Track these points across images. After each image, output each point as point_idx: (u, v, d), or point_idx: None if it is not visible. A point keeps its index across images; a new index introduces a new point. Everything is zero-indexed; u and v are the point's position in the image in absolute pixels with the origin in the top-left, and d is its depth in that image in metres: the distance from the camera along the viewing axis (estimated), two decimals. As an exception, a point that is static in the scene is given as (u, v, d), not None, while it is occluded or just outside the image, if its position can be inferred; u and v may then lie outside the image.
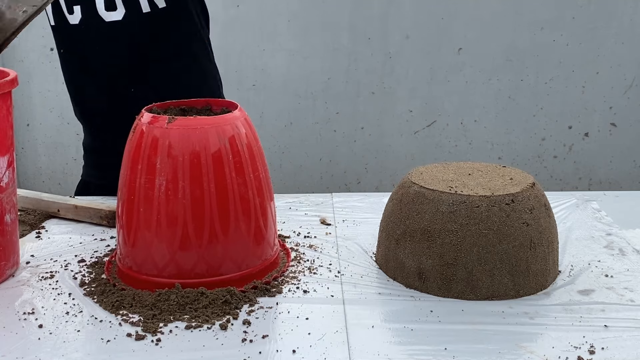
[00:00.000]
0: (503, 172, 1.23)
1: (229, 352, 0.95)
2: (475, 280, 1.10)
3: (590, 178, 3.39)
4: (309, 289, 1.14)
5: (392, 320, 1.05)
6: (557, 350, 0.96)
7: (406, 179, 1.21)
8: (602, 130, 3.32)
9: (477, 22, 3.18)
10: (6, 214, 1.16)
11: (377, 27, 3.20)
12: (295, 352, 0.95)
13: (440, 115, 3.31)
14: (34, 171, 3.45)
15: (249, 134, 1.15)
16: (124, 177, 1.14)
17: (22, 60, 3.26)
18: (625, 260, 1.25)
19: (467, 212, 1.10)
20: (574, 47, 3.20)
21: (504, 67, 3.23)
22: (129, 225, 1.13)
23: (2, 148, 1.12)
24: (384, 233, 1.21)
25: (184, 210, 1.08)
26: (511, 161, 3.33)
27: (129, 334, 1.00)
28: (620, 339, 0.99)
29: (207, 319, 1.03)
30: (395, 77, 3.26)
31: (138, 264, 1.13)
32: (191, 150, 1.08)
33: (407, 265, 1.15)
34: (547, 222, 1.14)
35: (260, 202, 1.15)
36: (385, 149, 3.35)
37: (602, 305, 1.09)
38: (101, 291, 1.12)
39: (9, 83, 1.12)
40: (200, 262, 1.11)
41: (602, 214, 1.48)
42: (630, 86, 3.25)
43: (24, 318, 1.05)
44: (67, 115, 3.34)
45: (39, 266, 1.23)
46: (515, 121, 3.31)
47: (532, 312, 1.07)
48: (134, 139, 1.13)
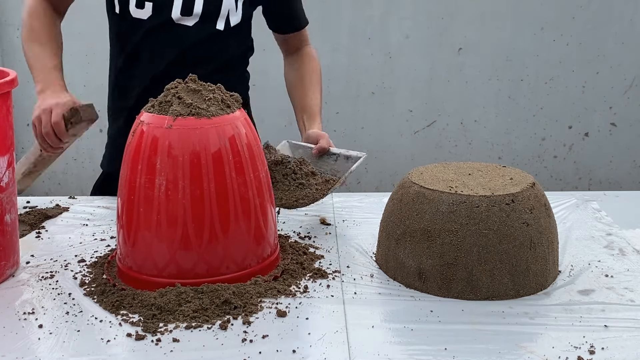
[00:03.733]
0: (503, 172, 1.23)
1: (229, 352, 0.95)
2: (475, 280, 1.10)
3: (590, 178, 3.39)
4: (309, 289, 1.14)
5: (392, 320, 1.05)
6: (557, 350, 0.96)
7: (406, 179, 1.20)
8: (602, 130, 3.32)
9: (477, 22, 3.18)
10: (6, 214, 1.16)
11: (377, 27, 3.20)
12: (295, 352, 0.95)
13: (440, 115, 3.31)
14: (34, 171, 3.44)
15: (249, 134, 1.15)
16: (124, 177, 1.14)
17: (22, 60, 3.25)
18: (625, 260, 1.25)
19: (467, 212, 1.10)
20: (574, 47, 3.20)
21: (504, 67, 3.23)
22: (129, 225, 1.13)
23: (2, 148, 1.12)
24: (384, 233, 1.21)
25: (184, 210, 1.08)
26: (511, 161, 3.33)
27: (129, 334, 1.00)
28: (620, 339, 0.99)
29: (207, 319, 1.03)
30: (395, 77, 3.26)
31: (138, 264, 1.13)
32: (191, 150, 1.08)
33: (407, 265, 1.15)
34: (547, 222, 1.14)
35: (260, 202, 1.15)
36: (385, 149, 3.35)
37: (602, 305, 1.09)
38: (101, 291, 1.12)
39: (9, 83, 1.12)
40: (200, 262, 1.11)
41: (602, 214, 1.48)
42: (630, 86, 3.25)
43: (24, 318, 1.05)
44: (67, 115, 3.34)
45: (39, 266, 1.23)
46: (515, 121, 3.31)
47: (532, 312, 1.07)
48: (134, 139, 1.13)
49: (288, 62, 1.74)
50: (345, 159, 1.44)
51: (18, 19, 3.22)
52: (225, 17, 1.54)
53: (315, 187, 1.34)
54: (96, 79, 3.25)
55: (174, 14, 1.51)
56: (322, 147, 1.47)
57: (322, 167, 1.46)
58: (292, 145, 1.53)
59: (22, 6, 1.59)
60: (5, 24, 3.22)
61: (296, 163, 1.37)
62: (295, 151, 1.52)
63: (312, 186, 1.34)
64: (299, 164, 1.37)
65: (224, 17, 1.54)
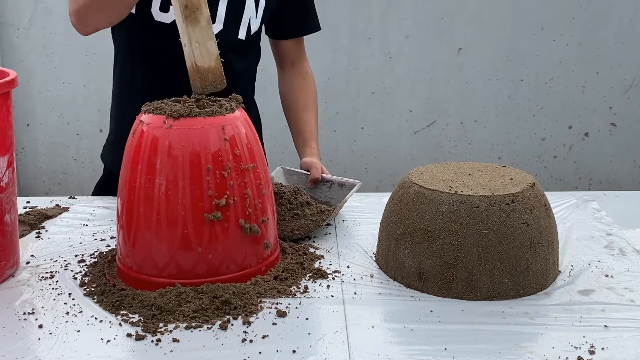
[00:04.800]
0: (503, 172, 1.23)
1: (229, 352, 0.95)
2: (475, 280, 1.10)
3: (590, 178, 3.39)
4: (309, 289, 1.14)
5: (392, 320, 1.05)
6: (557, 350, 0.96)
7: (406, 179, 1.20)
8: (602, 130, 3.32)
9: (477, 22, 3.18)
10: (6, 214, 1.16)
11: (377, 27, 3.20)
12: (295, 352, 0.95)
13: (440, 115, 3.31)
14: (34, 171, 3.45)
15: (249, 134, 1.15)
16: (124, 177, 1.14)
17: (22, 60, 3.26)
18: (625, 260, 1.25)
19: (467, 212, 1.10)
20: (574, 47, 3.20)
21: (504, 67, 3.23)
22: (129, 225, 1.13)
23: (2, 148, 1.12)
24: (384, 233, 1.21)
25: (184, 210, 1.08)
26: (511, 161, 3.33)
27: (129, 334, 1.00)
28: (620, 339, 0.99)
29: (207, 319, 1.03)
30: (395, 77, 3.26)
31: (138, 264, 1.13)
32: (191, 150, 1.08)
33: (407, 265, 1.15)
34: (547, 222, 1.14)
35: (260, 202, 1.15)
36: (385, 149, 3.35)
37: (602, 305, 1.09)
38: (101, 291, 1.12)
39: (8, 83, 1.12)
40: (200, 262, 1.11)
41: (602, 214, 1.48)
42: (630, 86, 3.25)
43: (24, 318, 1.05)
44: (67, 115, 3.34)
45: (39, 266, 1.23)
46: (515, 121, 3.31)
47: (532, 312, 1.07)
48: (134, 139, 1.13)
49: (284, 76, 1.73)
50: (340, 186, 1.47)
51: (18, 19, 3.23)
52: (247, 24, 1.53)
53: (310, 218, 1.37)
54: (96, 79, 3.26)
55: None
56: (315, 177, 1.50)
57: (317, 194, 1.49)
58: (287, 171, 1.56)
59: (21, 6, 1.59)
60: (5, 24, 3.22)
61: (291, 193, 1.39)
62: (289, 177, 1.55)
63: (307, 217, 1.37)
64: (293, 193, 1.40)
65: (245, 25, 1.52)
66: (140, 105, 1.18)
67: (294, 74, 1.71)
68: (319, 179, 1.50)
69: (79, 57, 3.24)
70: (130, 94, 1.57)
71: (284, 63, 1.71)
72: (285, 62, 1.71)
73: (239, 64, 1.56)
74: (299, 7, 1.64)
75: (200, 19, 1.22)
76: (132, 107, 1.32)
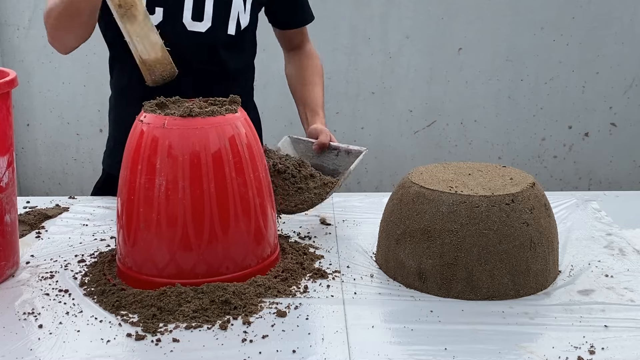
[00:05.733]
0: (503, 172, 1.23)
1: (229, 352, 0.95)
2: (475, 280, 1.10)
3: (590, 178, 3.39)
4: (309, 289, 1.14)
5: (392, 320, 1.05)
6: (557, 350, 0.96)
7: (406, 179, 1.20)
8: (602, 130, 3.32)
9: (477, 22, 3.18)
10: (6, 214, 1.16)
11: (377, 27, 3.20)
12: (295, 352, 0.95)
13: (440, 115, 3.31)
14: (34, 171, 3.45)
15: (249, 134, 1.15)
16: (124, 177, 1.14)
17: (22, 60, 3.26)
18: (625, 260, 1.25)
19: (467, 212, 1.10)
20: (574, 47, 3.20)
21: (504, 67, 3.23)
22: (129, 225, 1.13)
23: (2, 148, 1.12)
24: (384, 233, 1.21)
25: (184, 210, 1.08)
26: (511, 161, 3.33)
27: (129, 334, 1.00)
28: (620, 339, 0.99)
29: (207, 319, 1.03)
30: (395, 77, 3.26)
31: (138, 264, 1.13)
32: (191, 150, 1.08)
33: (407, 265, 1.15)
34: (547, 222, 1.14)
35: (260, 202, 1.15)
36: (385, 149, 3.35)
37: (602, 305, 1.09)
38: (101, 291, 1.12)
39: (8, 83, 1.12)
40: (200, 262, 1.11)
41: (602, 214, 1.48)
42: (630, 86, 3.25)
43: (24, 318, 1.05)
44: (67, 115, 3.34)
45: (39, 266, 1.23)
46: (515, 121, 3.31)
47: (532, 312, 1.07)
48: (134, 139, 1.13)
49: (289, 58, 1.74)
50: (347, 153, 1.44)
51: (18, 19, 3.23)
52: (236, 19, 1.53)
53: (313, 192, 1.35)
54: (96, 79, 3.26)
55: (185, 18, 1.48)
56: (322, 142, 1.47)
57: (324, 162, 1.47)
58: (294, 140, 1.53)
59: (21, 6, 1.59)
60: (5, 24, 3.22)
61: (294, 166, 1.37)
62: (296, 146, 1.52)
63: (310, 190, 1.35)
64: (297, 166, 1.37)
65: (234, 20, 1.52)
66: (137, 113, 1.18)
67: (299, 55, 1.73)
68: (327, 144, 1.47)
69: (79, 57, 3.24)
70: (128, 102, 1.57)
71: (288, 47, 1.74)
72: (290, 46, 1.73)
73: (232, 60, 1.56)
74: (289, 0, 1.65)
75: (137, 14, 1.28)
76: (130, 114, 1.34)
